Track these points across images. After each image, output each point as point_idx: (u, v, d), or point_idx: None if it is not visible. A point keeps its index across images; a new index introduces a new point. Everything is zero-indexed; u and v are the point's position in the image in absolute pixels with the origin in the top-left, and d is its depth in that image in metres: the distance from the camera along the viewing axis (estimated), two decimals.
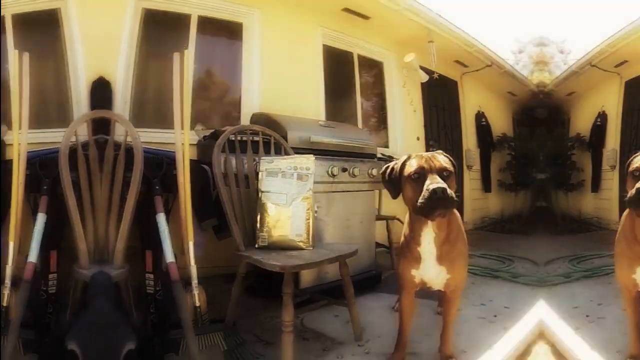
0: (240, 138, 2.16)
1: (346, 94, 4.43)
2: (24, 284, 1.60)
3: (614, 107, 5.59)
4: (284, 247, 1.93)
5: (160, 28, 3.11)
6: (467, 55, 5.30)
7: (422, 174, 1.51)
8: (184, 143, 1.93)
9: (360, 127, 4.25)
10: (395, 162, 1.66)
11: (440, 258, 1.63)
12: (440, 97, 5.54)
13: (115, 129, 1.92)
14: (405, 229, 1.73)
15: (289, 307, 1.65)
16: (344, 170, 2.63)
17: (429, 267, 1.65)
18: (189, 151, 1.96)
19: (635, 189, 1.44)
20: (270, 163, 2.03)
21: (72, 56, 2.72)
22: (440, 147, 4.50)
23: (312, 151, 2.31)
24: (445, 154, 1.63)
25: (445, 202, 1.45)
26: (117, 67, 2.79)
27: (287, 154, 2.23)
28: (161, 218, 1.87)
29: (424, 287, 1.72)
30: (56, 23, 2.74)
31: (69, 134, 1.78)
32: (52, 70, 2.78)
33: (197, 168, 2.23)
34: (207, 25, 3.31)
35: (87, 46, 2.68)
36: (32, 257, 1.66)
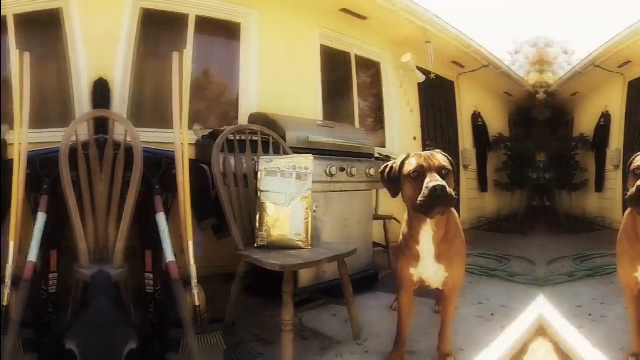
0: (239, 138, 2.17)
1: (344, 94, 4.44)
2: (24, 284, 1.61)
3: (618, 107, 5.58)
4: (283, 246, 1.94)
5: (158, 28, 3.12)
6: (463, 55, 5.32)
7: (422, 173, 1.52)
8: (184, 143, 1.93)
9: (358, 127, 4.27)
10: (395, 161, 1.67)
11: (439, 256, 1.64)
12: (437, 97, 5.57)
13: (114, 129, 1.92)
14: (403, 228, 1.74)
15: (289, 306, 1.66)
16: (342, 170, 2.64)
17: (428, 265, 1.66)
18: (188, 151, 1.96)
19: (635, 187, 1.46)
20: (269, 163, 2.04)
21: (74, 56, 2.73)
22: (437, 147, 4.51)
23: (310, 151, 2.31)
24: (443, 153, 1.64)
25: (445, 199, 1.46)
26: (116, 66, 2.79)
27: (285, 153, 2.23)
28: (161, 218, 1.88)
29: (422, 285, 1.73)
30: (57, 23, 2.74)
31: (69, 133, 1.78)
32: (53, 70, 2.78)
33: (196, 168, 2.23)
34: (205, 25, 3.30)
35: (88, 46, 2.69)
36: (32, 256, 1.66)
